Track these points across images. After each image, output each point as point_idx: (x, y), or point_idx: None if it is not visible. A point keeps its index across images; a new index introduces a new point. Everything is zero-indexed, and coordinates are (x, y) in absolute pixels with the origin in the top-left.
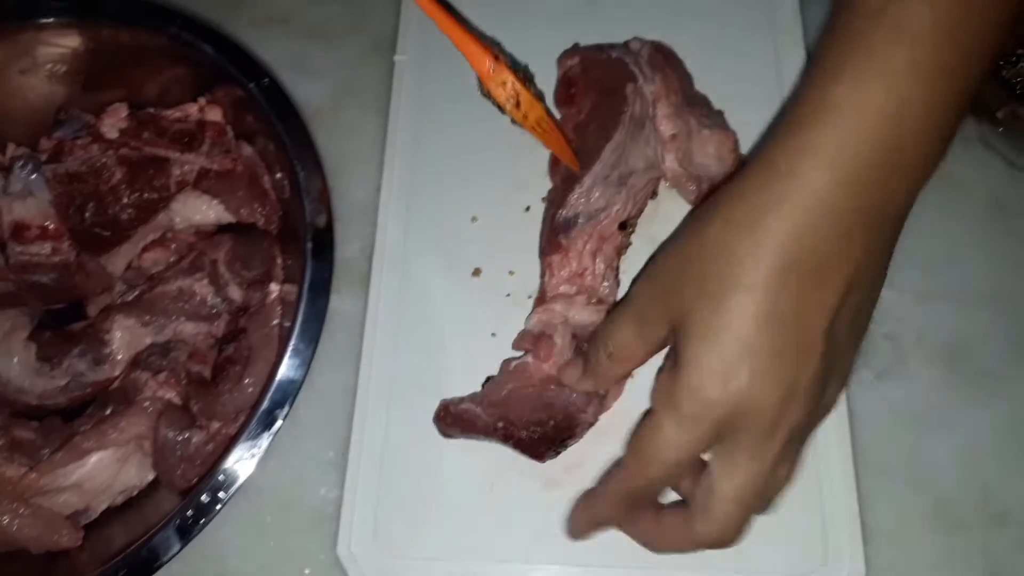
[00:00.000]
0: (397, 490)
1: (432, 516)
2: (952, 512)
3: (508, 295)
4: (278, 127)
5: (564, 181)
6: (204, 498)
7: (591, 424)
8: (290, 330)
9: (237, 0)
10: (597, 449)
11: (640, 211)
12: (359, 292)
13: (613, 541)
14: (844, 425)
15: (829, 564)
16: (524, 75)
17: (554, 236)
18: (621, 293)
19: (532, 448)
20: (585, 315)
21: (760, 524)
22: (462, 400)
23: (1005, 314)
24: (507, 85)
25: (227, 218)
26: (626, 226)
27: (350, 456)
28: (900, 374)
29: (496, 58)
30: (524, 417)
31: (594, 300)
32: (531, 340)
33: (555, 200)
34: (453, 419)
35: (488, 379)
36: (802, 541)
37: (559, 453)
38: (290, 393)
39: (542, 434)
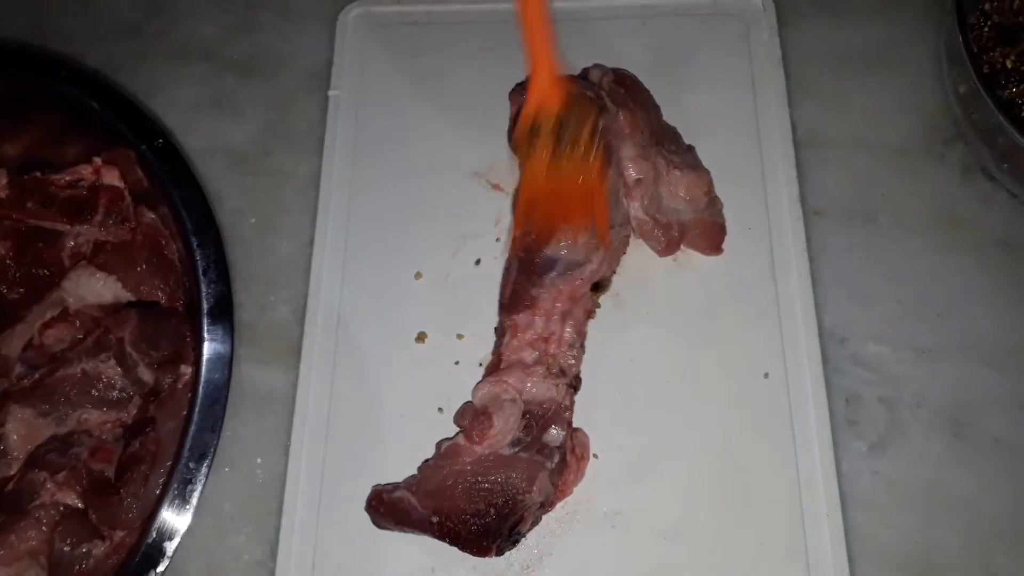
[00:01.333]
0: None
1: None
2: None
3: (456, 363)
4: (173, 195)
5: (540, 227)
6: None
7: (541, 505)
8: (187, 425)
9: (155, 32)
10: (558, 544)
11: (613, 272)
12: (290, 363)
13: None
14: (835, 505)
15: None
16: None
17: (524, 283)
18: (584, 362)
19: (474, 544)
20: (542, 389)
21: None
22: (396, 487)
23: (1014, 372)
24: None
25: (126, 296)
26: (599, 287)
27: (279, 556)
28: (898, 445)
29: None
30: (460, 508)
31: (555, 371)
32: (468, 416)
33: (531, 243)
34: (387, 509)
35: (424, 463)
36: None
37: (515, 543)
38: (191, 494)
39: (483, 526)
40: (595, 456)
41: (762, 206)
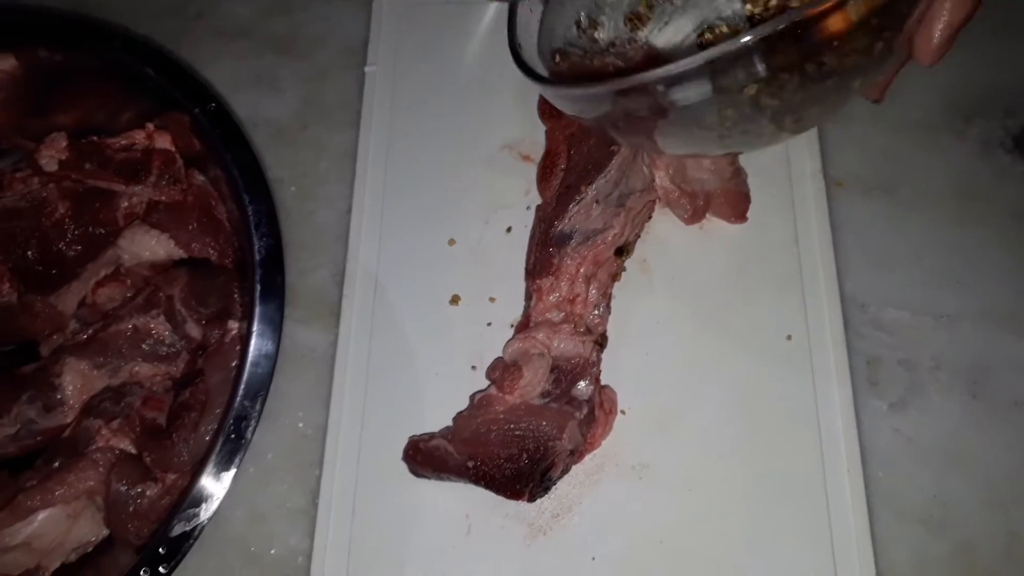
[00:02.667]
0: (370, 539)
1: (407, 568)
2: (976, 560)
3: (489, 324)
4: (225, 155)
5: (560, 195)
6: (159, 553)
7: (571, 453)
8: (239, 374)
9: (194, 13)
10: (587, 494)
11: (637, 236)
12: (329, 324)
13: None
14: (856, 462)
15: None
16: None
17: (546, 252)
18: (611, 323)
19: (509, 487)
20: (569, 346)
21: (767, 571)
22: (432, 436)
23: None
24: None
25: (178, 253)
26: (623, 252)
27: (320, 503)
28: (917, 404)
29: None
30: (494, 453)
31: (581, 329)
32: (500, 369)
33: (548, 215)
34: (423, 457)
35: (459, 414)
36: None
37: (547, 490)
38: (242, 440)
39: (516, 470)
40: (623, 412)
41: (786, 177)
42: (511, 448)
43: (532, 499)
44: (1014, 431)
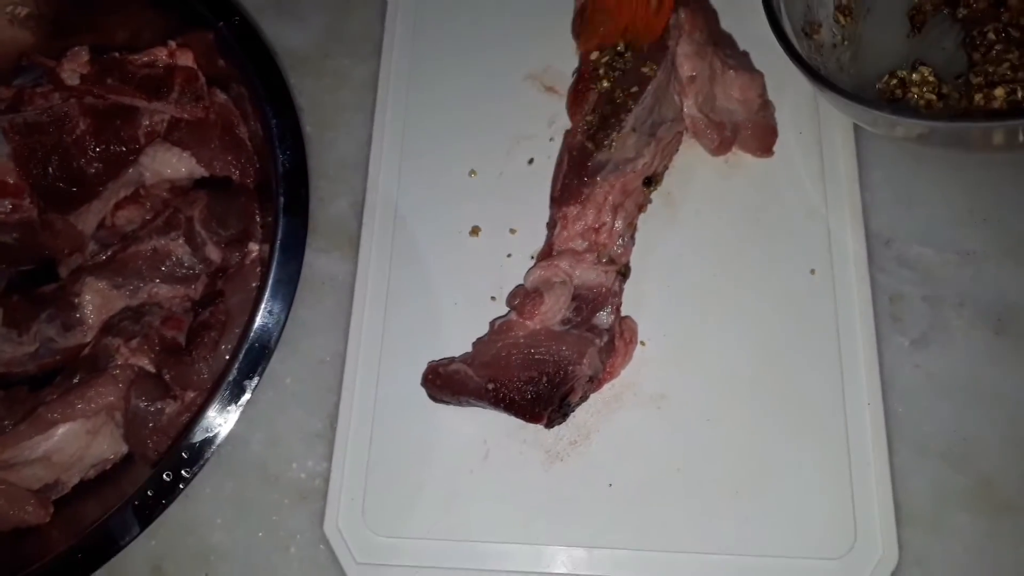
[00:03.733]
0: (387, 464)
1: (424, 492)
2: (996, 493)
3: (509, 255)
4: (249, 69)
5: (595, 123)
6: (172, 471)
7: (591, 380)
8: (260, 292)
9: None
10: (605, 422)
11: (666, 167)
12: (349, 253)
13: (622, 520)
14: (877, 396)
15: (858, 548)
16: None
17: (576, 180)
18: (634, 254)
19: (528, 410)
20: (592, 275)
21: (784, 502)
22: (452, 361)
23: None
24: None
25: (200, 172)
26: (651, 182)
27: (338, 428)
28: (939, 340)
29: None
30: (514, 376)
31: (604, 260)
32: (520, 295)
33: (580, 142)
34: (443, 381)
35: (479, 339)
36: (829, 522)
37: (565, 416)
38: (262, 360)
39: (536, 393)
40: (642, 343)
41: (814, 112)
42: (531, 371)
43: (551, 424)
44: None
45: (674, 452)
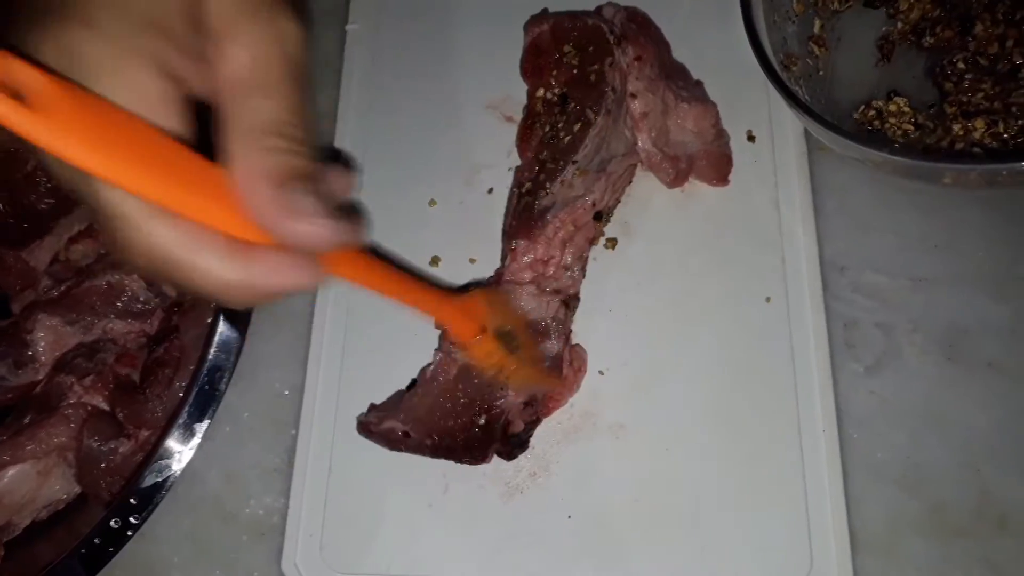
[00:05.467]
0: (346, 499)
1: (383, 527)
2: (948, 518)
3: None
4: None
5: (542, 163)
6: (121, 518)
7: (528, 405)
8: (213, 327)
9: None
10: (564, 453)
11: (617, 201)
12: None
13: (582, 552)
14: (832, 422)
15: (815, 574)
16: (508, 337)
17: (524, 217)
18: (591, 283)
19: (470, 455)
20: (532, 305)
21: (741, 530)
22: (383, 417)
23: (1007, 299)
24: (492, 357)
25: None
26: (601, 216)
27: (296, 463)
28: (893, 366)
29: (483, 330)
30: (449, 426)
31: (548, 290)
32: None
33: (528, 182)
34: (379, 439)
35: (410, 385)
36: (785, 549)
37: (523, 444)
38: (215, 397)
39: (472, 437)
40: (600, 372)
41: (768, 141)
42: (463, 417)
43: (512, 456)
44: (988, 392)
45: (632, 482)
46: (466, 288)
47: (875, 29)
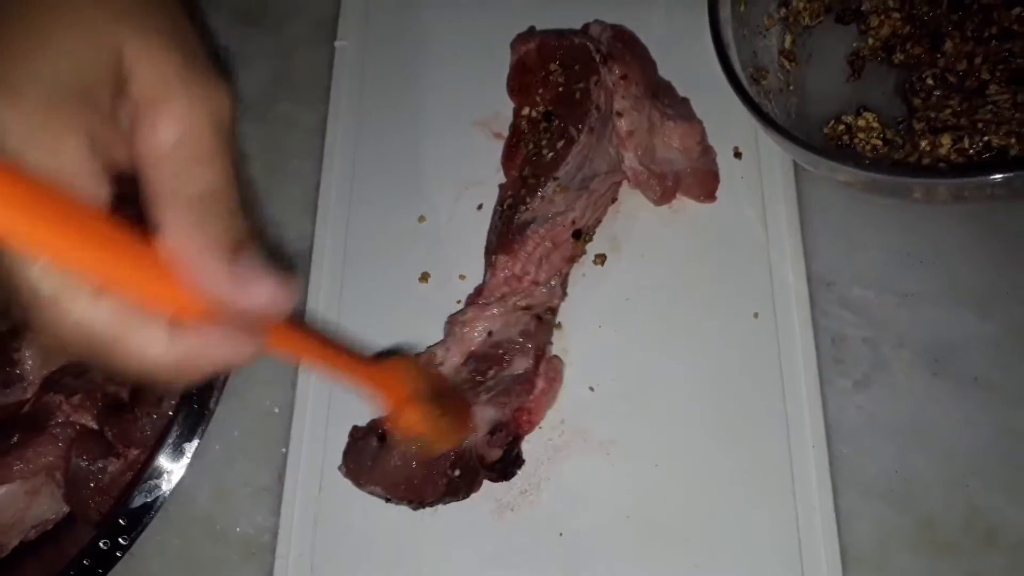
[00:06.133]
0: (336, 517)
1: (373, 545)
2: (937, 533)
3: (459, 301)
4: None
5: (524, 180)
6: (117, 531)
7: (498, 430)
8: None
9: None
10: (555, 470)
11: (599, 221)
12: (298, 300)
13: (573, 569)
14: (821, 438)
15: None
16: (436, 401)
17: (505, 233)
18: (579, 300)
19: (455, 496)
20: (499, 324)
21: (733, 547)
22: (363, 483)
23: (992, 315)
24: (419, 425)
25: None
26: (581, 235)
27: (286, 481)
28: (880, 381)
29: (411, 398)
30: (425, 485)
31: (521, 305)
32: None
33: (512, 199)
34: (371, 492)
35: (374, 462)
36: (777, 566)
37: (516, 463)
38: (204, 416)
39: (452, 484)
40: (591, 389)
41: (755, 157)
42: (436, 477)
43: (507, 477)
44: (974, 407)
45: (623, 499)
46: (391, 355)
47: (846, 45)
